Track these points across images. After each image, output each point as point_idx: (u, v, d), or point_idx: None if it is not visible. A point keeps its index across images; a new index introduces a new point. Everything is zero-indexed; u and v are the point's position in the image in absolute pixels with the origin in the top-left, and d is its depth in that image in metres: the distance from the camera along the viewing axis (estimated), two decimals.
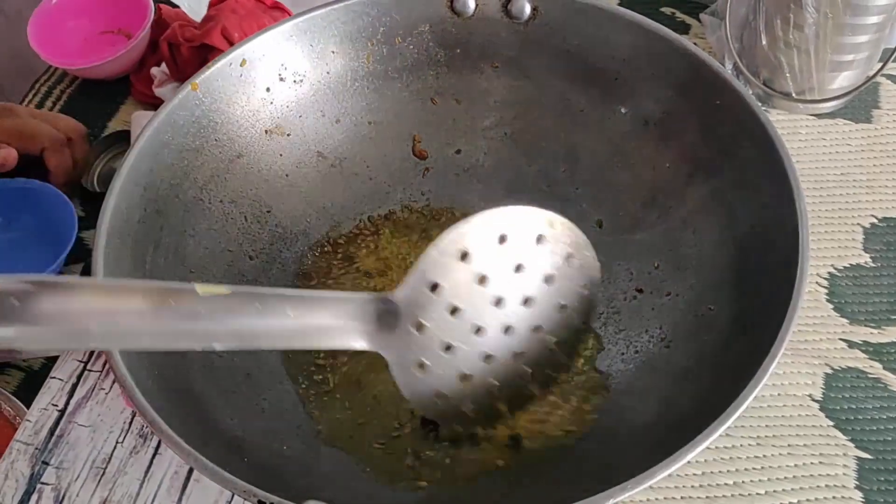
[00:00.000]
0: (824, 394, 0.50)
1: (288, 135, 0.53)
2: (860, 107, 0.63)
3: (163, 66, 0.65)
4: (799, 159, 0.60)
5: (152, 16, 0.66)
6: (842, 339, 0.52)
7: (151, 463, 0.47)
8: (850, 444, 0.48)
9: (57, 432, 0.49)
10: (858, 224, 0.57)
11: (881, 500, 0.46)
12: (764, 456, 0.48)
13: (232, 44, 0.60)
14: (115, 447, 0.48)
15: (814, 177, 0.60)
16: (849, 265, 0.56)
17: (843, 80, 0.61)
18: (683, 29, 0.69)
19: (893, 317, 0.53)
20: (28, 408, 0.50)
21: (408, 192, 0.56)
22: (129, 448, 0.48)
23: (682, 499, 0.47)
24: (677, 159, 0.49)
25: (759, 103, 0.46)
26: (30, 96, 0.68)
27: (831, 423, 0.49)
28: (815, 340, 0.52)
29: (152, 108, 0.66)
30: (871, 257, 0.56)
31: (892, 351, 0.52)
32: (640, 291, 0.49)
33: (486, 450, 0.44)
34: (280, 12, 0.66)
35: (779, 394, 0.50)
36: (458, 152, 0.56)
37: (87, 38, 0.70)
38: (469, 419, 0.42)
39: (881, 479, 0.47)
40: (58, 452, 0.48)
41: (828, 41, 0.58)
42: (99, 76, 0.67)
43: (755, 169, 0.45)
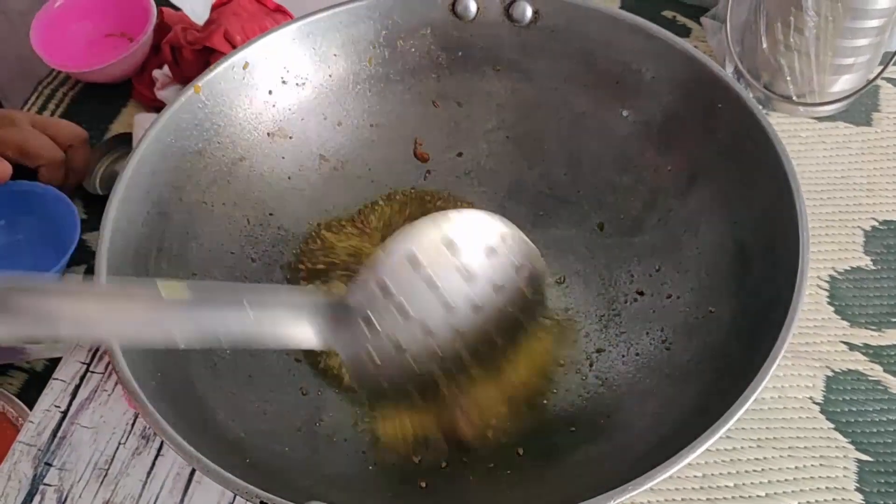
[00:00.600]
0: (825, 396, 0.50)
1: (290, 137, 0.53)
2: (860, 110, 0.63)
3: (165, 69, 0.65)
4: (799, 162, 0.60)
5: (154, 19, 0.67)
6: (842, 342, 0.53)
7: (154, 464, 0.48)
8: (850, 446, 0.49)
9: (59, 434, 0.49)
10: (859, 227, 0.57)
11: (881, 503, 0.46)
12: (764, 458, 0.48)
13: (234, 47, 0.60)
14: (117, 448, 0.48)
15: (814, 180, 0.60)
16: (849, 268, 0.56)
17: (843, 84, 0.61)
18: (684, 32, 0.69)
19: (894, 319, 0.53)
20: (31, 409, 0.50)
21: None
22: (131, 449, 0.48)
23: (683, 500, 0.47)
24: (678, 162, 0.50)
25: (760, 106, 0.46)
26: (32, 98, 0.68)
27: (832, 425, 0.49)
28: (816, 343, 0.53)
29: (154, 110, 0.66)
30: (872, 260, 0.56)
31: (893, 353, 0.52)
32: (641, 294, 0.49)
33: (483, 452, 0.45)
34: (282, 15, 0.66)
35: (779, 396, 0.50)
36: (460, 155, 0.56)
37: (90, 41, 0.70)
38: (419, 409, 0.43)
39: (881, 481, 0.47)
40: (60, 454, 0.48)
41: (828, 44, 0.58)
42: (101, 79, 0.68)
43: (756, 172, 0.45)
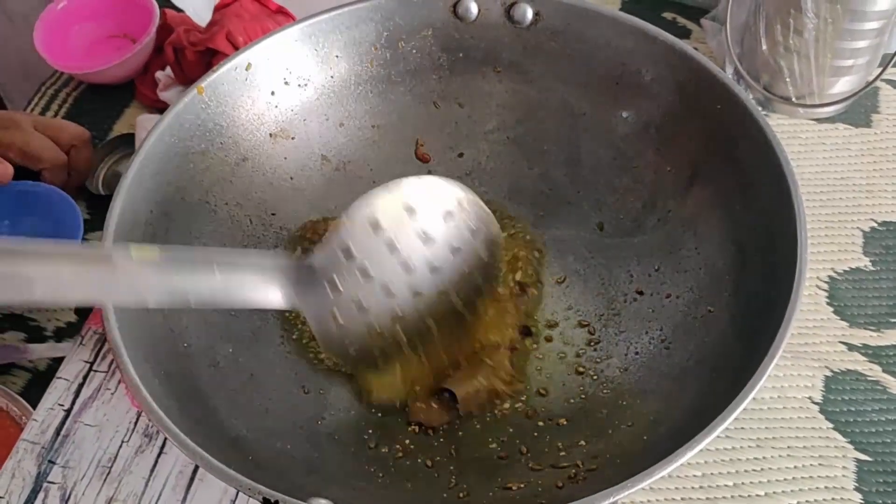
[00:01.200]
0: (824, 396, 0.51)
1: (292, 138, 0.53)
2: (860, 111, 0.64)
3: (167, 70, 0.66)
4: (799, 163, 0.60)
5: (157, 20, 0.67)
6: (841, 342, 0.53)
7: (157, 462, 0.48)
8: (849, 446, 0.49)
9: (63, 432, 0.49)
10: (858, 228, 0.58)
11: (880, 502, 0.47)
12: (764, 458, 0.48)
13: (236, 48, 0.60)
14: (120, 446, 0.48)
15: (814, 181, 0.60)
16: (848, 268, 0.56)
17: (842, 85, 0.61)
18: (684, 34, 0.69)
19: (892, 320, 0.53)
20: (34, 408, 0.50)
21: None
22: (134, 447, 0.48)
23: (682, 500, 0.47)
24: (678, 163, 0.50)
25: (760, 108, 0.46)
26: (35, 99, 0.69)
27: (831, 425, 0.50)
28: (815, 343, 0.53)
29: (157, 111, 0.67)
30: (871, 261, 0.56)
31: (892, 354, 0.52)
32: (641, 293, 0.50)
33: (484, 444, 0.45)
34: (284, 17, 0.66)
35: (779, 396, 0.51)
36: (461, 155, 0.56)
37: (93, 42, 0.71)
38: (379, 367, 0.45)
39: (880, 480, 0.47)
40: (64, 452, 0.48)
41: (827, 46, 0.58)
42: (104, 80, 0.68)
43: (755, 173, 0.45)
